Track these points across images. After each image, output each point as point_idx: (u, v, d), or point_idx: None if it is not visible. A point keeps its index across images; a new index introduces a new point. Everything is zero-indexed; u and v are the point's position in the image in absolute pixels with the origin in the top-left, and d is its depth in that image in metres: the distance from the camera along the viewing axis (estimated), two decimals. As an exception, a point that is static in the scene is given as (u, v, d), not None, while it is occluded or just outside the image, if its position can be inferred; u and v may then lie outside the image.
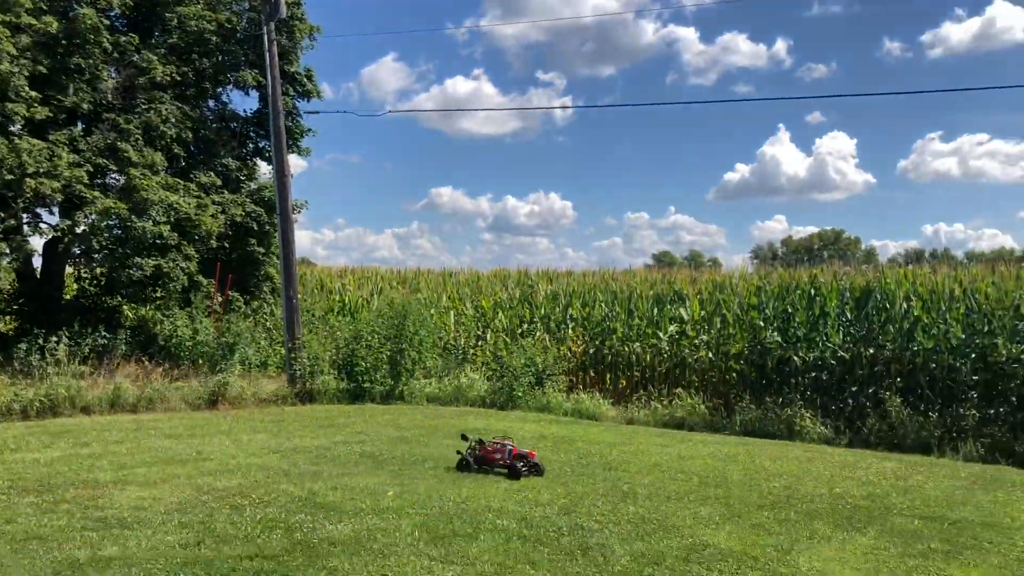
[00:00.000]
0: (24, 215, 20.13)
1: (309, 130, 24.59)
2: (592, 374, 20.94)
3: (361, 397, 17.88)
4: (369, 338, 18.40)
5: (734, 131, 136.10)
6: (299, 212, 23.85)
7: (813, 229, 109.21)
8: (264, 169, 24.82)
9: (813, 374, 17.43)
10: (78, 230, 19.98)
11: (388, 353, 18.35)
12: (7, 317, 22.40)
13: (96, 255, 21.30)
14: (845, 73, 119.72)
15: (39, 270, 22.00)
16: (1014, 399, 15.37)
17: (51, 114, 18.94)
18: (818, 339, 17.73)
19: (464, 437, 10.91)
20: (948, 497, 10.11)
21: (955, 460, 14.03)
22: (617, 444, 13.37)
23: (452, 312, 23.58)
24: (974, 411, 15.15)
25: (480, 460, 10.45)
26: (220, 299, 21.32)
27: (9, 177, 17.59)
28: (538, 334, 21.64)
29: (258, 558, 6.63)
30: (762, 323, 18.65)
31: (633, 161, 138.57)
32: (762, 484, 10.42)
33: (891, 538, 7.97)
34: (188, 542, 7.02)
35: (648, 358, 20.08)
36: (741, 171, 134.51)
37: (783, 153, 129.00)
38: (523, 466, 10.17)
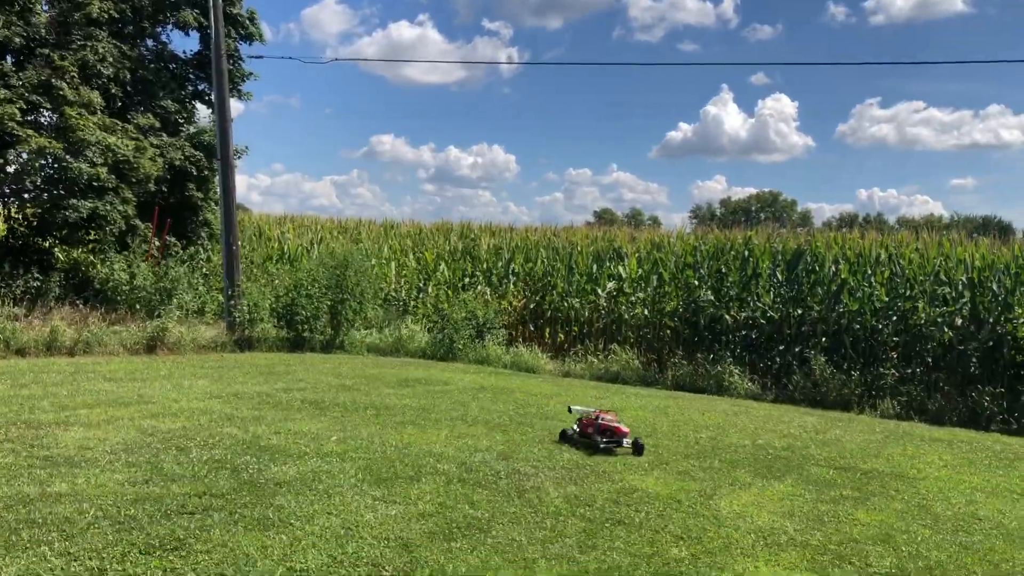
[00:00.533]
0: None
1: (251, 74, 24.20)
2: (532, 328, 21.36)
3: (301, 346, 18.00)
4: (310, 287, 18.47)
5: (679, 89, 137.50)
6: (240, 157, 23.53)
7: (752, 190, 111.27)
8: (203, 113, 24.43)
9: (743, 332, 18.11)
10: (9, 169, 19.51)
11: (329, 303, 18.47)
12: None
13: (28, 195, 20.81)
14: (790, 35, 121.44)
15: (-33, 209, 21.44)
16: (930, 360, 16.23)
17: (-19, 48, 18.36)
18: (749, 299, 18.37)
19: (570, 410, 10.42)
20: (862, 450, 10.76)
21: (873, 417, 14.83)
22: (554, 395, 13.79)
23: (394, 263, 23.70)
24: (893, 371, 15.96)
25: (581, 432, 9.80)
26: (157, 244, 21.08)
27: (-62, 112, 17.06)
28: (480, 288, 21.93)
29: (207, 496, 6.83)
30: (697, 282, 19.22)
31: (578, 116, 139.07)
32: (689, 435, 10.93)
33: (807, 485, 8.53)
34: (136, 480, 7.18)
35: (586, 314, 20.54)
36: (684, 130, 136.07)
37: (726, 113, 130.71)
38: (604, 441, 9.39)
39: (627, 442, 9.45)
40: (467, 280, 22.65)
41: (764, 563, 6.18)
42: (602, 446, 9.35)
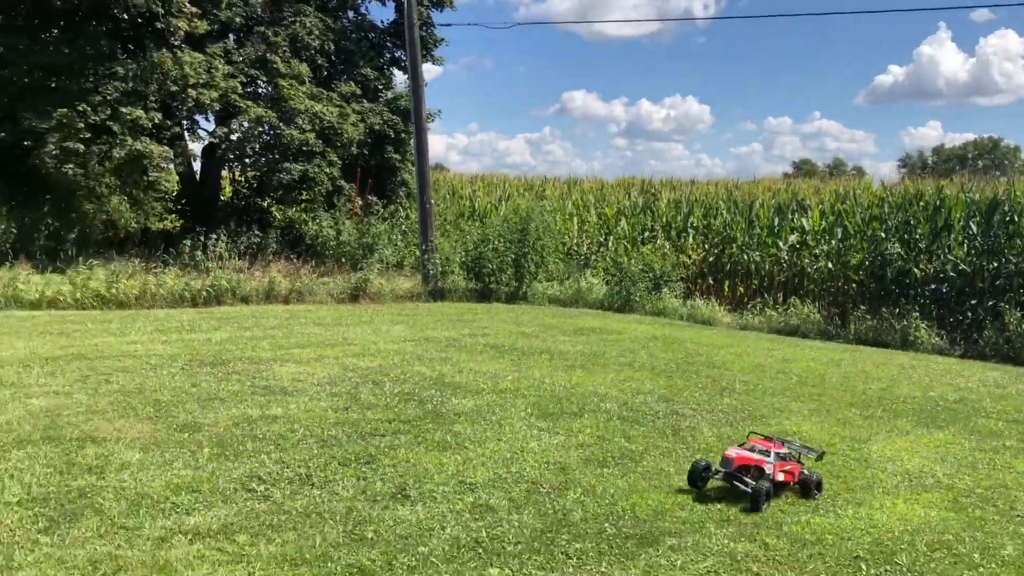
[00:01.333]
0: (184, 122, 22.10)
1: (442, 40, 25.56)
2: (711, 282, 21.51)
3: (488, 296, 19.16)
4: (496, 242, 19.57)
5: (890, 29, 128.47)
6: (432, 121, 25.02)
7: (970, 136, 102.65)
8: (400, 78, 26.09)
9: (932, 286, 17.49)
10: (233, 137, 21.81)
11: (513, 256, 19.49)
12: (172, 216, 24.79)
13: (248, 160, 23.21)
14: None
15: (198, 174, 24.14)
16: None
17: (208, 28, 20.53)
18: (940, 251, 17.68)
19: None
20: (1043, 405, 10.45)
21: (1071, 375, 14.08)
22: (725, 346, 14.11)
23: (576, 219, 24.43)
24: (1101, 327, 15.02)
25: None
26: (360, 203, 22.88)
27: (174, 88, 19.38)
28: (658, 241, 22.28)
29: (396, 422, 7.89)
30: (884, 234, 18.68)
31: (777, 61, 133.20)
32: (858, 386, 11.01)
33: (968, 435, 8.54)
34: (338, 407, 8.36)
35: (767, 267, 20.45)
36: (894, 73, 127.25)
37: (942, 54, 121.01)
38: (713, 470, 6.41)
39: (752, 484, 6.17)
40: (646, 234, 23.05)
41: (903, 501, 6.45)
42: (703, 474, 6.39)
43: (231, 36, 22.49)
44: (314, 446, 7.06)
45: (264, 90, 22.44)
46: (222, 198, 25.04)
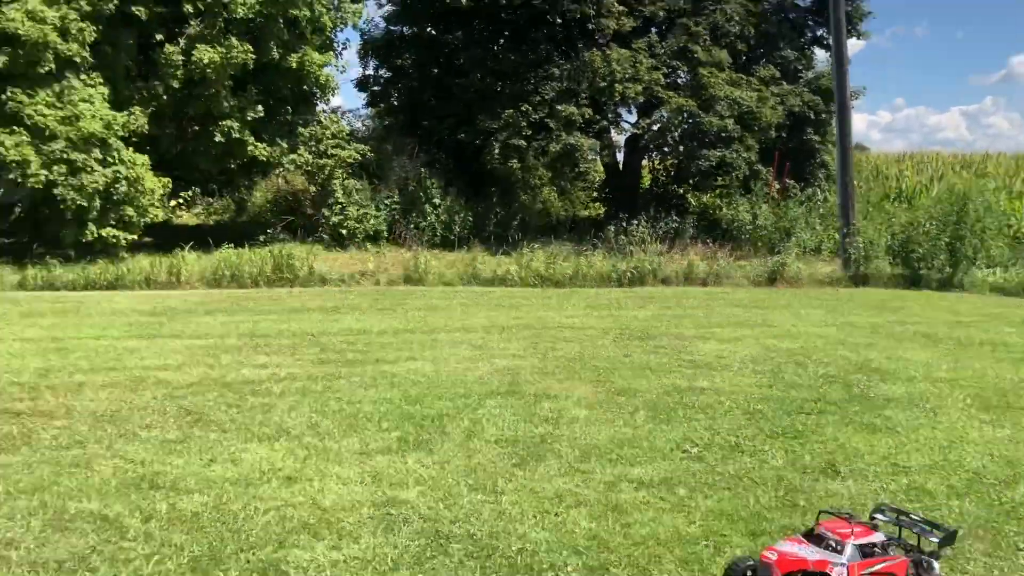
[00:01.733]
0: (610, 116, 23.57)
1: (868, 13, 24.25)
2: None
3: (916, 283, 17.94)
4: (927, 225, 18.23)
5: None
6: (857, 99, 23.89)
7: None
8: (821, 57, 25.26)
9: None
10: (654, 127, 22.81)
11: (947, 240, 18.00)
12: (596, 204, 26.63)
13: (667, 148, 24.11)
14: None
15: (621, 163, 25.59)
16: None
17: (633, 24, 21.68)
18: None
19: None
20: None
21: None
22: None
23: (1025, 198, 21.83)
24: None
25: None
26: (777, 186, 22.64)
27: (602, 84, 20.80)
28: None
29: (821, 402, 7.93)
30: None
31: None
32: None
33: None
34: (761, 384, 8.60)
35: None
36: None
37: None
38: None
39: None
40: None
41: None
42: None
43: (653, 30, 23.46)
44: (740, 417, 7.40)
45: (684, 79, 23.10)
46: (642, 186, 26.28)
